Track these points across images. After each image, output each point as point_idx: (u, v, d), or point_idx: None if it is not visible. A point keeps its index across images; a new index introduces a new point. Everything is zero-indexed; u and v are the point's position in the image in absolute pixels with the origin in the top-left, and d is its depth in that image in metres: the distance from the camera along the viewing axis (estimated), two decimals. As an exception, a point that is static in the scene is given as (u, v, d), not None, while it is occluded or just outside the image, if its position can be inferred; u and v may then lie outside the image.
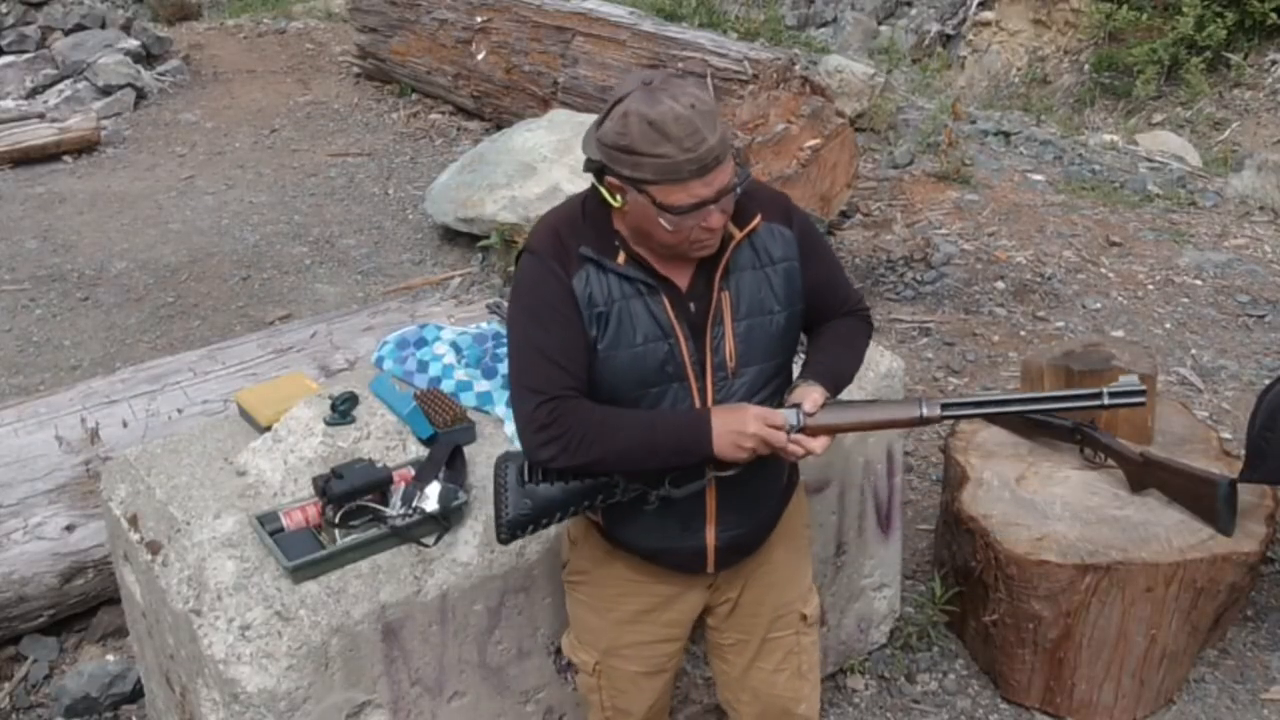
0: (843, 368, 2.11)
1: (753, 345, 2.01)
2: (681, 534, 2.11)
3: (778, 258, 2.03)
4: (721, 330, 1.99)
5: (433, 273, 5.86)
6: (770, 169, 5.62)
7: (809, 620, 2.33)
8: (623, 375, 1.98)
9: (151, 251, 6.25)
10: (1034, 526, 2.97)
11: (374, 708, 2.30)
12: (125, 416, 3.54)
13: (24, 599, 3.27)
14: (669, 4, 9.45)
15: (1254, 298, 5.20)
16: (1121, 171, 6.73)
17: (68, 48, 8.90)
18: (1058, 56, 10.45)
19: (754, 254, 2.02)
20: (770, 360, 2.04)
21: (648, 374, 1.98)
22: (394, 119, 8.25)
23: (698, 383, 2.00)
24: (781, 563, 2.27)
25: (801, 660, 2.34)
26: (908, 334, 5.02)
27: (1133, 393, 1.92)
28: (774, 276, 2.02)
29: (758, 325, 2.01)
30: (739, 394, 2.01)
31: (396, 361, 2.88)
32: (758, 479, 2.09)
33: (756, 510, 2.15)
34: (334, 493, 2.29)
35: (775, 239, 2.03)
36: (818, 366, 2.07)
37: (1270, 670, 3.20)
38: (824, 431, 1.98)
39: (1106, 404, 1.94)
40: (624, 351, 1.97)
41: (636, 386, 1.98)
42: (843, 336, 2.14)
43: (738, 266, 2.01)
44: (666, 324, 1.97)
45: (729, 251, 1.99)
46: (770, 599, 2.28)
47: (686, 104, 1.81)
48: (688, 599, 2.24)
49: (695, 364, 1.99)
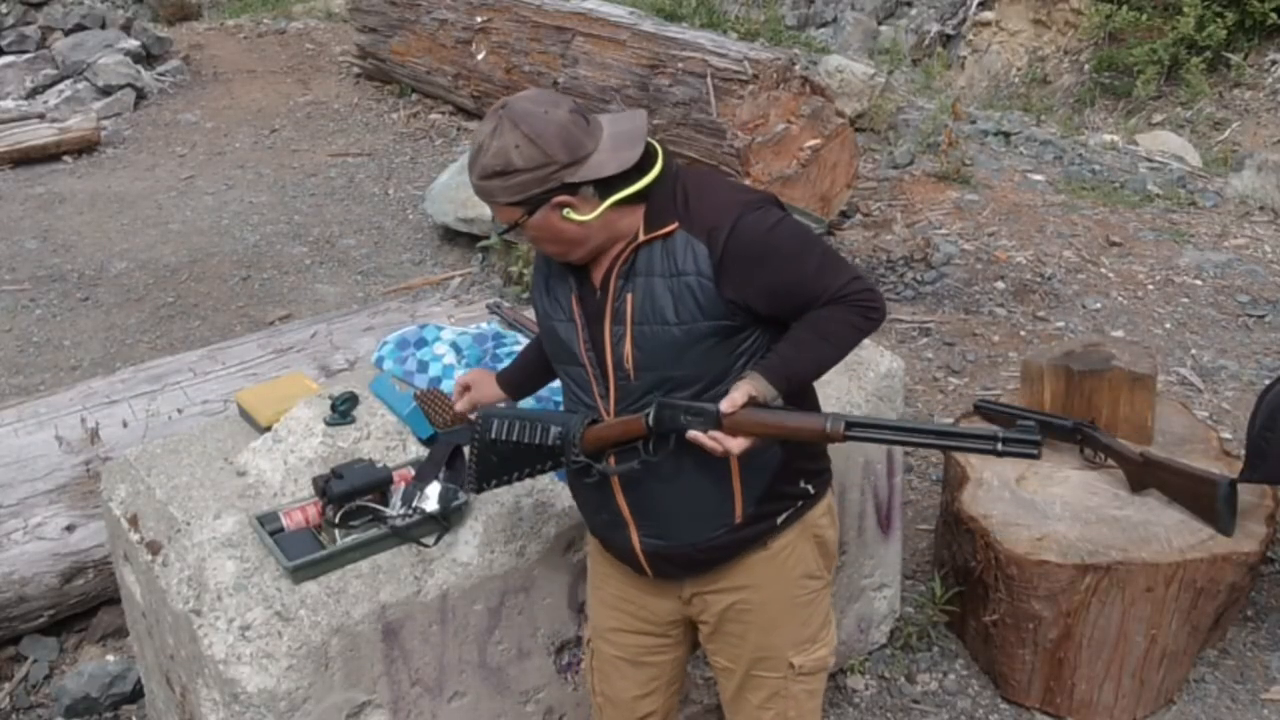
0: (803, 360, 2.01)
1: (650, 352, 1.99)
2: (608, 526, 2.15)
3: (684, 270, 1.96)
4: (621, 330, 1.99)
5: (433, 273, 5.87)
6: (770, 169, 5.63)
7: (799, 670, 2.24)
8: (549, 346, 2.15)
9: (151, 251, 6.26)
10: (1034, 526, 2.97)
11: (374, 708, 2.30)
12: (125, 416, 3.54)
13: (24, 599, 3.27)
14: (669, 4, 9.45)
15: (1254, 298, 5.20)
16: (1121, 171, 6.73)
17: (68, 48, 8.91)
18: (1058, 56, 10.45)
19: (666, 261, 1.97)
20: (669, 370, 1.99)
21: (558, 349, 2.11)
22: (394, 119, 8.25)
23: (594, 371, 2.05)
24: (767, 604, 2.19)
25: (789, 707, 2.26)
26: (908, 334, 5.02)
27: (1026, 442, 1.88)
28: (676, 288, 1.96)
29: (656, 333, 1.98)
30: (637, 395, 2.01)
31: (396, 361, 2.88)
32: (676, 492, 2.06)
33: (677, 525, 2.09)
34: (334, 493, 2.29)
35: (686, 252, 1.96)
36: (772, 359, 2.00)
37: (1270, 670, 3.20)
38: (741, 431, 1.94)
39: (999, 450, 1.91)
40: (545, 322, 2.13)
41: (557, 360, 2.14)
42: (817, 326, 2.01)
43: (647, 270, 1.98)
44: (568, 309, 2.06)
45: (625, 253, 1.98)
46: (753, 637, 2.21)
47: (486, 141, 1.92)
48: (656, 600, 2.23)
49: (590, 354, 2.05)
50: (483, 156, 1.92)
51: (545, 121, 1.89)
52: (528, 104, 1.92)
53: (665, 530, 2.10)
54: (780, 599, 2.20)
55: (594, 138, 1.92)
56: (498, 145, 1.90)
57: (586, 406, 2.09)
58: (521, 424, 2.11)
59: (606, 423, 2.05)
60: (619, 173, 1.92)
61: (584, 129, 1.92)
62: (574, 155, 1.90)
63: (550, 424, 2.09)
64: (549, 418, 2.12)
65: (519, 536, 2.43)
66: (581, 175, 1.91)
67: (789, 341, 2.01)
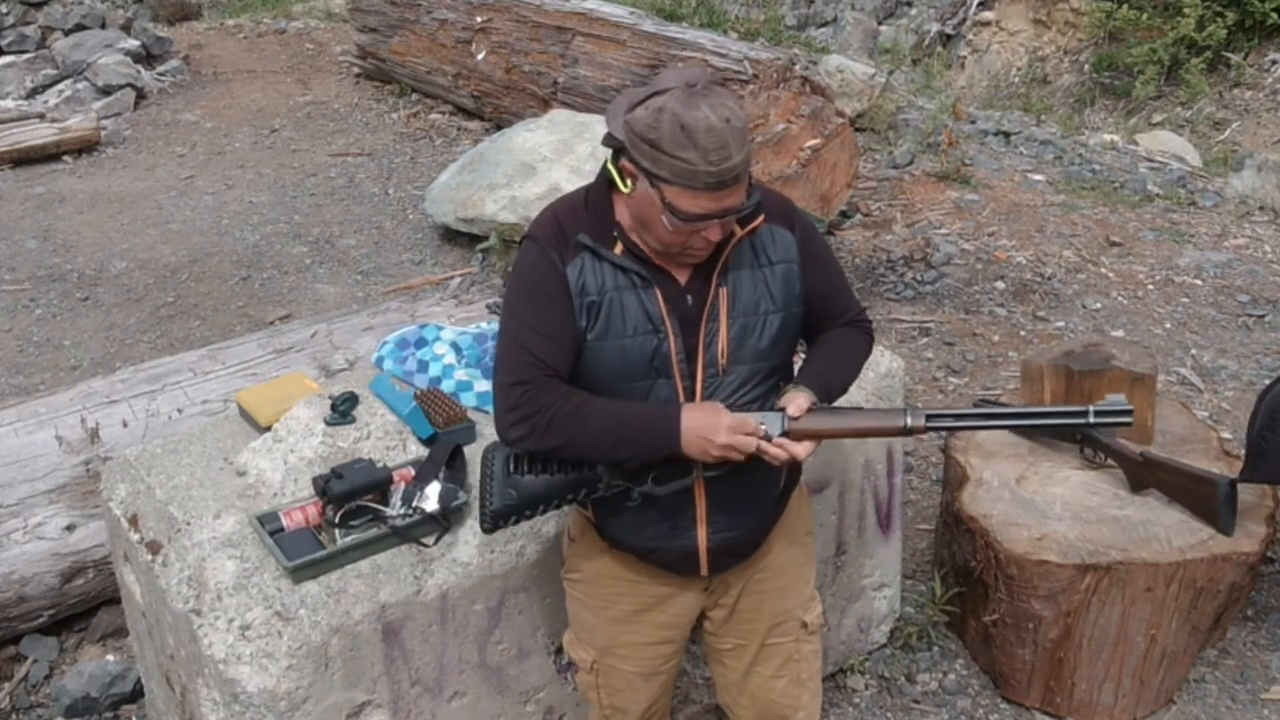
0: (836, 377, 2.10)
1: (744, 344, 2.01)
2: (670, 534, 2.10)
3: (776, 259, 2.02)
4: (716, 326, 1.99)
5: (433, 273, 5.87)
6: (770, 169, 5.62)
7: (809, 628, 2.31)
8: (610, 366, 1.98)
9: (151, 251, 6.26)
10: (1034, 526, 2.97)
11: (374, 708, 2.30)
12: (125, 416, 3.54)
13: (24, 599, 3.27)
14: (669, 4, 9.46)
15: (1254, 298, 5.20)
16: (1121, 171, 6.73)
17: (68, 48, 8.91)
18: (1058, 56, 10.45)
19: (753, 254, 2.02)
20: (761, 361, 2.03)
21: (634, 367, 1.98)
22: (394, 119, 8.25)
23: (684, 380, 2.00)
24: (781, 568, 2.26)
25: (800, 668, 2.32)
26: (908, 334, 5.02)
27: (1119, 412, 1.89)
28: (771, 278, 2.02)
29: (751, 324, 2.01)
30: (727, 391, 2.01)
31: (396, 361, 2.88)
32: (750, 480, 2.08)
33: (750, 513, 2.13)
34: (334, 493, 2.29)
35: (775, 240, 2.03)
36: (810, 373, 2.07)
37: (1270, 670, 3.20)
38: (808, 437, 1.98)
39: (1092, 422, 1.92)
40: (612, 343, 1.97)
41: (622, 379, 1.99)
42: (840, 347, 2.13)
43: (736, 264, 2.01)
44: (657, 318, 1.97)
45: (729, 249, 1.99)
46: (769, 605, 2.26)
47: (722, 117, 1.81)
48: (682, 601, 2.23)
49: (683, 360, 1.99)
50: (732, 125, 1.81)
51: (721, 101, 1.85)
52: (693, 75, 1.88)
53: (738, 520, 2.12)
54: (791, 561, 2.27)
55: None
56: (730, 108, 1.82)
57: None
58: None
59: None
60: None
61: None
62: None
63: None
64: None
65: (519, 536, 2.43)
66: None
67: (821, 359, 2.10)
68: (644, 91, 1.87)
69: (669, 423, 1.93)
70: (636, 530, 2.12)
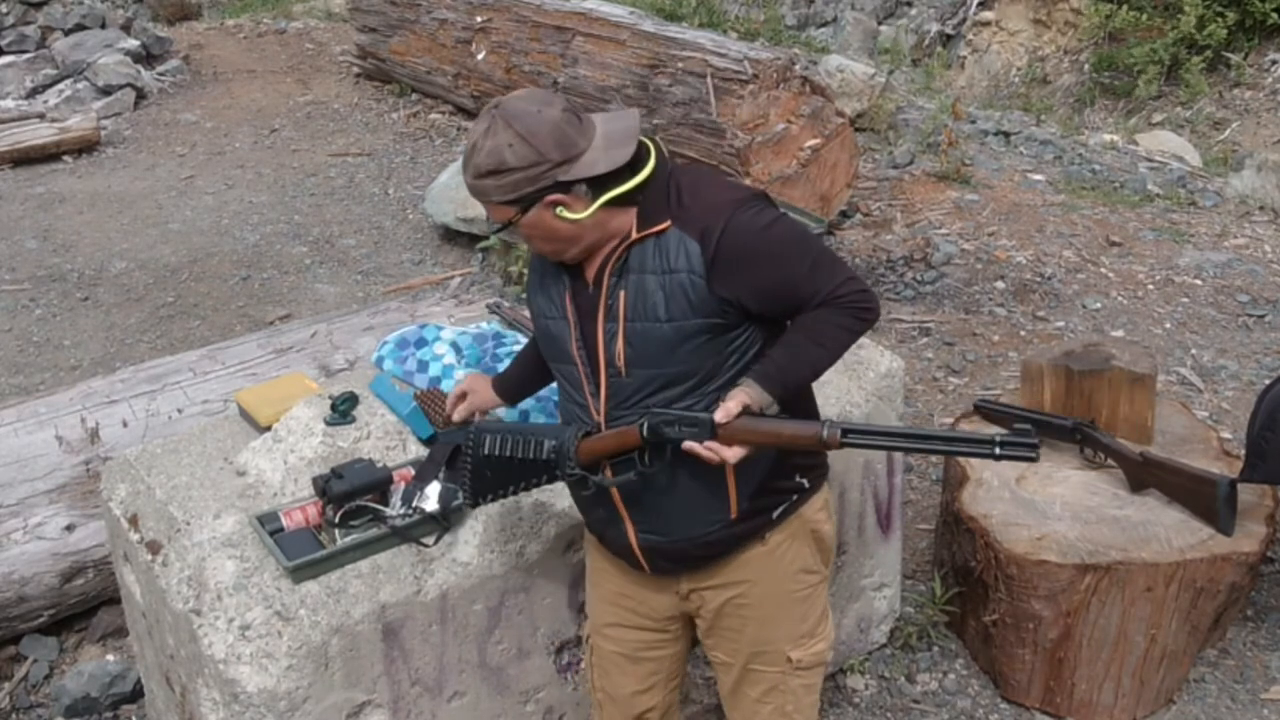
0: (798, 365, 2.01)
1: (641, 349, 1.99)
2: (607, 523, 2.16)
3: (676, 268, 1.96)
4: (614, 327, 2.00)
5: (433, 273, 5.87)
6: (770, 169, 5.63)
7: (796, 665, 2.25)
8: (542, 343, 2.17)
9: (151, 251, 6.26)
10: (1034, 526, 2.97)
11: (374, 708, 2.30)
12: (125, 416, 3.54)
13: (24, 599, 3.27)
14: (669, 4, 9.46)
15: (1254, 298, 5.20)
16: (1121, 171, 6.73)
17: (68, 48, 8.91)
18: (1058, 56, 10.44)
19: (659, 258, 1.98)
20: (659, 368, 2.00)
21: (552, 347, 2.12)
22: (394, 119, 8.25)
23: (586, 369, 2.05)
24: (763, 599, 2.20)
25: (786, 701, 2.27)
26: (908, 334, 5.02)
27: (1023, 445, 1.88)
28: (668, 285, 1.96)
29: (647, 330, 1.99)
30: (627, 392, 2.01)
31: (396, 361, 2.88)
32: (671, 491, 2.06)
33: (673, 522, 2.10)
34: (334, 493, 2.29)
35: (678, 249, 1.96)
36: (766, 365, 2.00)
37: (1270, 670, 3.20)
38: (736, 441, 1.95)
39: (997, 455, 1.90)
40: (540, 320, 2.14)
41: (550, 358, 2.15)
42: (810, 331, 2.01)
43: (639, 268, 1.98)
44: (561, 306, 2.07)
45: (619, 250, 1.98)
46: (750, 631, 2.22)
47: (481, 140, 1.92)
48: (654, 596, 2.24)
49: (582, 351, 2.05)
50: (476, 155, 1.93)
51: (538, 120, 1.89)
52: (521, 103, 1.93)
53: (661, 527, 2.11)
54: (777, 594, 2.21)
55: (587, 136, 1.93)
56: (491, 144, 1.91)
57: (578, 405, 2.09)
58: (515, 438, 2.11)
59: (600, 435, 2.04)
60: (611, 171, 1.93)
61: (577, 127, 1.92)
62: (566, 154, 1.90)
63: (544, 437, 2.09)
64: (542, 431, 2.12)
65: (519, 536, 2.43)
66: (574, 174, 1.91)
67: (782, 346, 2.01)
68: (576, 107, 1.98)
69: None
70: (588, 516, 2.23)
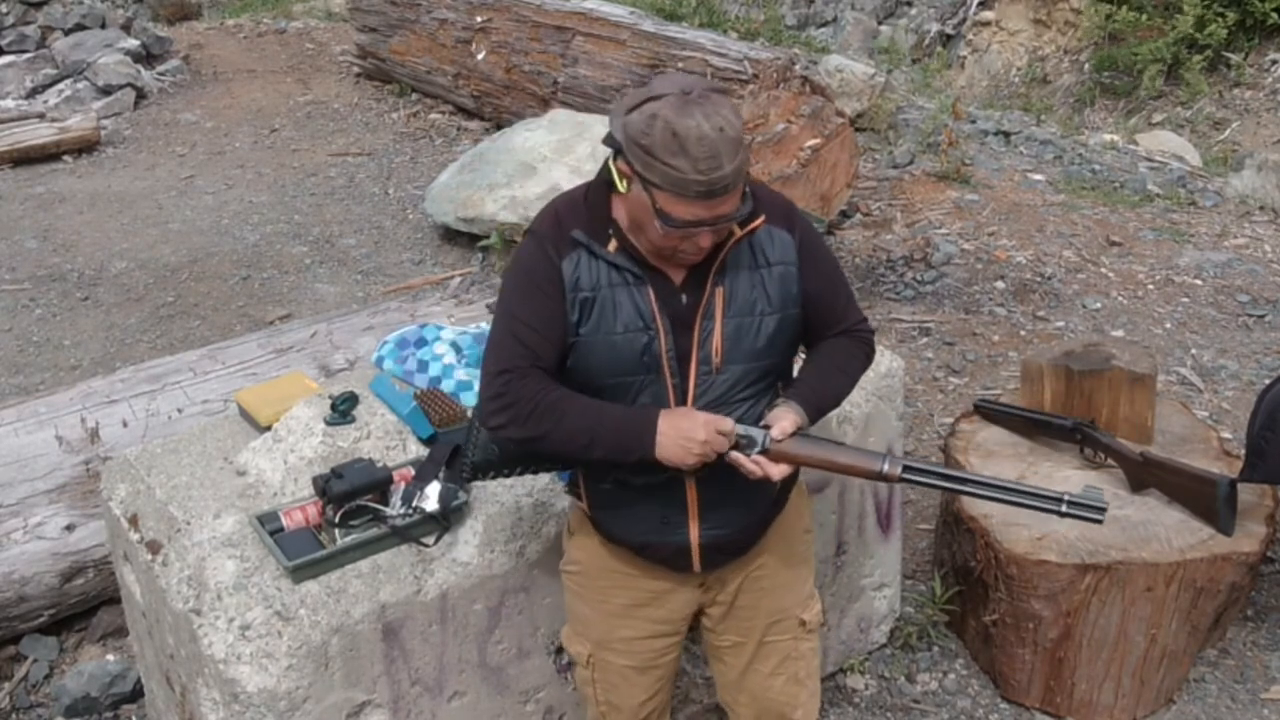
0: (829, 392, 2.10)
1: (738, 344, 2.01)
2: (662, 529, 2.11)
3: (774, 260, 2.02)
4: (711, 325, 2.00)
5: (433, 273, 5.87)
6: (770, 169, 5.62)
7: (807, 627, 2.31)
8: (599, 362, 2.00)
9: (151, 251, 6.26)
10: (1034, 526, 2.97)
11: (374, 707, 2.30)
12: (125, 416, 3.54)
13: (24, 599, 3.27)
14: (669, 4, 9.46)
15: (1254, 298, 5.20)
16: (1121, 171, 6.73)
17: (68, 48, 8.91)
18: (1058, 56, 10.45)
19: (751, 254, 2.02)
20: (755, 361, 2.03)
21: (624, 363, 1.99)
22: (394, 119, 8.25)
23: (674, 377, 2.00)
24: (778, 567, 2.26)
25: (799, 666, 2.32)
26: (908, 334, 5.02)
27: (1092, 507, 1.90)
28: (768, 279, 2.02)
29: (746, 325, 2.01)
30: (720, 390, 2.02)
31: (396, 361, 2.88)
32: (742, 482, 2.07)
33: (743, 512, 2.13)
34: (334, 492, 2.29)
35: (774, 242, 2.03)
36: (803, 389, 2.07)
37: (1270, 670, 3.20)
38: (786, 460, 1.98)
39: (1064, 512, 1.91)
40: (603, 338, 1.98)
41: (613, 375, 2.00)
42: (837, 359, 2.12)
43: (734, 265, 2.01)
44: (648, 315, 1.98)
45: (726, 249, 1.99)
46: (766, 603, 2.26)
47: (715, 126, 1.80)
48: (678, 596, 2.23)
49: (673, 358, 2.00)
50: (726, 134, 1.80)
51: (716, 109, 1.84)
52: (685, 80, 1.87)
53: (731, 518, 2.12)
54: (789, 559, 2.27)
55: None
56: (725, 116, 1.82)
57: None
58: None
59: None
60: None
61: None
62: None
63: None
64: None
65: (519, 536, 2.43)
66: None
67: (815, 373, 2.09)
68: (642, 94, 1.87)
69: (645, 425, 1.95)
70: (629, 525, 2.14)
